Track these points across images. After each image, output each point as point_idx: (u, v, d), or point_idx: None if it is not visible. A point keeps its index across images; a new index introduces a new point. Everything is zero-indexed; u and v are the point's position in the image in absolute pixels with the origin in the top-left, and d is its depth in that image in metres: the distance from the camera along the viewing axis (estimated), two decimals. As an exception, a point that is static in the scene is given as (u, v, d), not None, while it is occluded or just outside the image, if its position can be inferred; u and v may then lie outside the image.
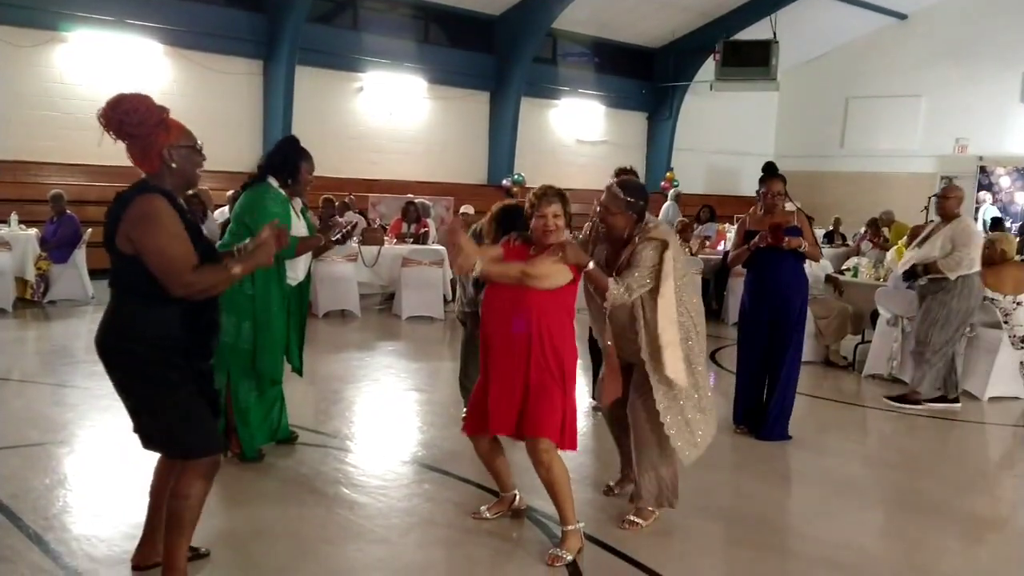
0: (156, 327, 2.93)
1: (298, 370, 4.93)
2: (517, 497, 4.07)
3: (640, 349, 3.82)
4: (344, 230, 4.85)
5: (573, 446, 3.69)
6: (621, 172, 5.75)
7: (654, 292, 3.75)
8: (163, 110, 3.04)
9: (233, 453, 4.66)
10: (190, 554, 3.39)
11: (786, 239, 5.28)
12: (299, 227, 4.63)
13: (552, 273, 3.56)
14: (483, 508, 4.04)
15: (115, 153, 3.26)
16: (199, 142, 3.12)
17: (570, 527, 3.66)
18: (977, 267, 6.46)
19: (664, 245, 3.75)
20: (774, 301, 5.42)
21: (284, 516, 4.02)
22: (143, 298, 2.94)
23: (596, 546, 3.82)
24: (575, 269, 3.63)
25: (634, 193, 3.84)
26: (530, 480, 4.47)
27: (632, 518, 4.04)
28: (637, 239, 3.77)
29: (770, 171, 5.50)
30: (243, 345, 4.50)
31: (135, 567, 3.36)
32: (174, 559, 3.06)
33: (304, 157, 4.63)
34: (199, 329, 3.01)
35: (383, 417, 5.96)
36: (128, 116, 2.95)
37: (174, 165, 3.02)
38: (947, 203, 6.54)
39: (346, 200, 11.90)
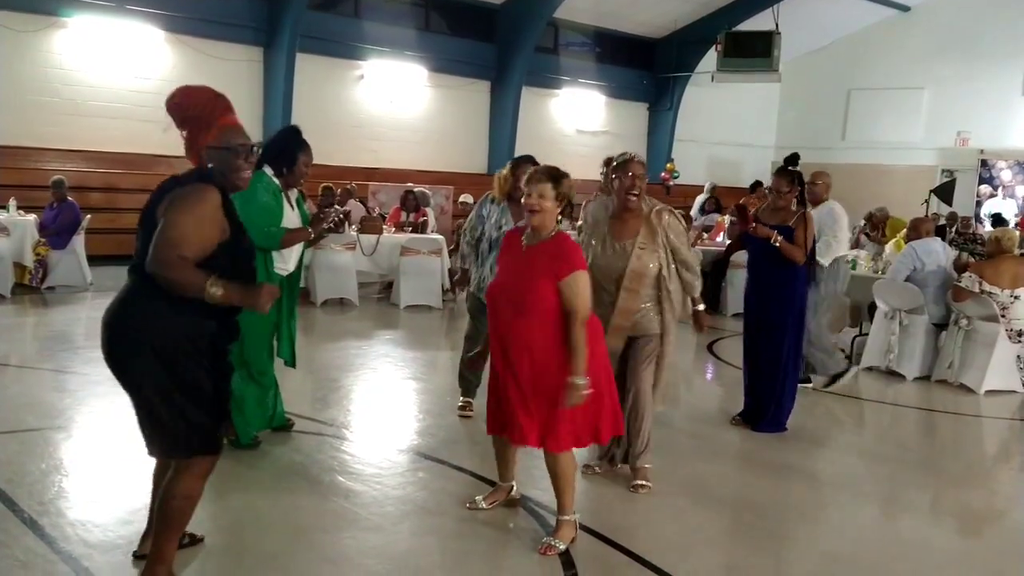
0: (180, 317, 2.84)
1: (290, 363, 4.92)
2: (514, 488, 4.07)
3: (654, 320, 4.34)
4: (335, 218, 4.78)
5: (572, 444, 3.66)
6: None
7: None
8: (217, 105, 2.96)
9: (228, 440, 4.67)
10: (186, 540, 3.41)
11: (753, 226, 5.24)
12: (291, 218, 4.61)
13: (588, 296, 3.50)
14: (479, 498, 4.04)
15: (114, 140, 3.25)
16: (243, 143, 2.98)
17: (566, 517, 3.66)
18: (844, 250, 6.55)
19: None
20: (769, 298, 5.41)
21: (279, 503, 4.03)
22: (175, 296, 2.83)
23: (590, 535, 3.83)
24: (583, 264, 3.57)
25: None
26: (526, 469, 4.48)
27: (640, 482, 4.36)
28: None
29: (784, 166, 5.42)
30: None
31: (142, 557, 3.33)
32: (163, 552, 3.01)
33: (303, 148, 4.58)
34: (224, 317, 2.95)
35: (380, 405, 5.96)
36: (179, 108, 2.96)
37: (211, 166, 2.94)
38: (815, 188, 6.45)
39: (348, 187, 11.89)
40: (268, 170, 4.54)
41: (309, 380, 6.35)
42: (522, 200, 3.64)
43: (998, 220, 13.40)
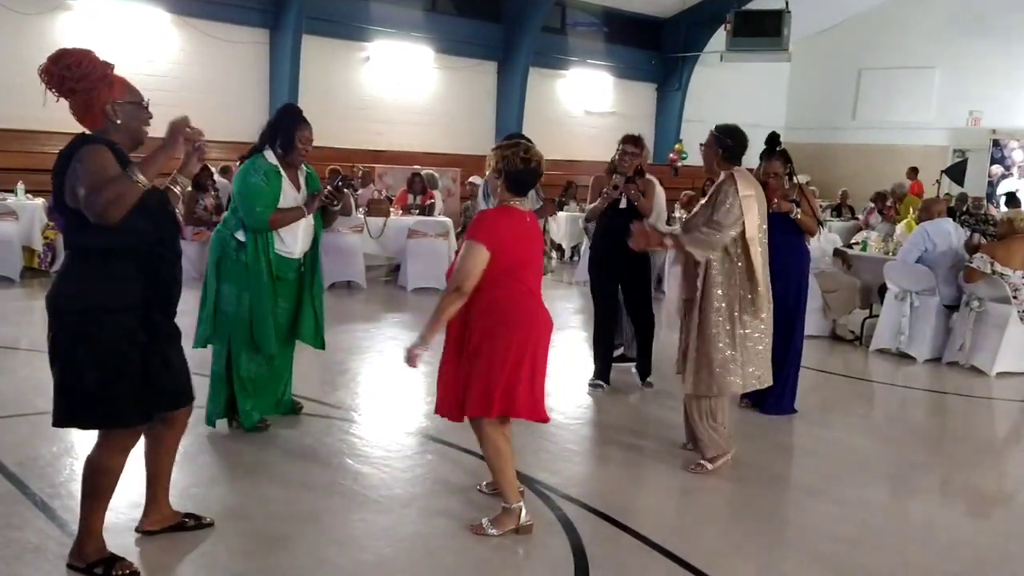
0: (108, 282, 2.88)
1: (318, 345, 4.86)
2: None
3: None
4: (328, 189, 4.65)
5: (476, 412, 3.52)
6: (628, 140, 5.75)
7: None
8: (107, 65, 2.95)
9: (235, 423, 4.69)
10: (192, 522, 3.47)
11: (776, 202, 5.20)
12: (291, 198, 4.55)
13: (468, 266, 3.38)
14: (484, 484, 4.04)
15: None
16: (146, 99, 3.02)
17: (504, 505, 3.61)
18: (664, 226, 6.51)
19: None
20: (776, 276, 5.37)
21: (288, 486, 4.04)
22: (95, 255, 2.88)
23: (599, 518, 3.84)
24: (489, 241, 3.39)
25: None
26: (534, 452, 4.49)
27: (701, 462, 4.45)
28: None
29: (768, 150, 5.38)
30: (244, 315, 4.50)
31: (144, 533, 3.42)
32: (90, 524, 3.08)
33: (299, 125, 4.51)
34: (158, 283, 2.96)
35: (388, 388, 5.97)
36: (70, 71, 2.88)
37: (118, 121, 2.94)
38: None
39: (354, 169, 11.85)
40: (269, 153, 4.51)
41: (317, 363, 6.35)
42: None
43: (1011, 199, 13.30)
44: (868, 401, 6.55)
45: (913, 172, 16.12)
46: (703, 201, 4.55)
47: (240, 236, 4.48)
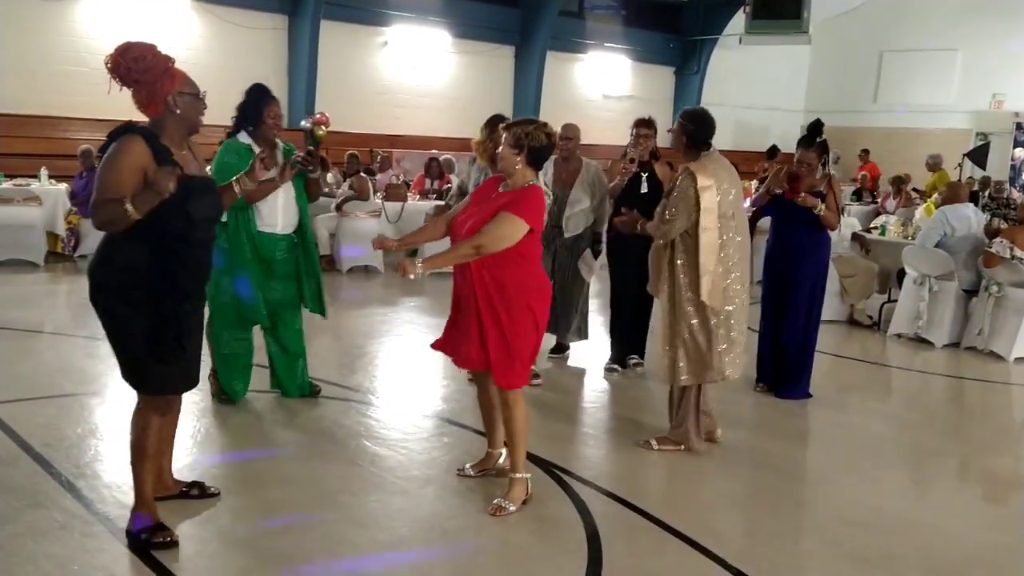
0: (124, 259, 3.08)
1: (318, 310, 4.94)
2: (503, 456, 4.01)
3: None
4: (301, 155, 4.60)
5: (517, 384, 3.64)
6: (641, 123, 5.77)
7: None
8: (169, 59, 3.17)
9: (213, 392, 4.88)
10: (197, 491, 3.65)
11: (802, 196, 5.22)
12: (265, 174, 4.53)
13: (506, 234, 3.49)
14: (468, 466, 4.08)
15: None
16: (203, 91, 3.25)
17: (516, 475, 3.69)
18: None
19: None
20: (788, 262, 5.40)
21: (306, 467, 4.11)
22: (122, 232, 3.06)
23: (611, 499, 3.88)
24: (531, 218, 3.50)
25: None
26: (549, 436, 4.53)
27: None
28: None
29: (807, 139, 5.37)
30: (223, 299, 4.66)
31: (160, 499, 3.50)
32: (140, 480, 3.27)
33: (267, 102, 4.60)
34: (167, 268, 3.07)
35: (405, 371, 6.03)
36: (136, 63, 3.10)
37: (178, 111, 3.17)
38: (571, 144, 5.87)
39: (372, 152, 11.89)
40: (241, 134, 4.62)
41: (335, 346, 6.43)
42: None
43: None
44: (885, 386, 6.54)
45: (865, 153, 16.37)
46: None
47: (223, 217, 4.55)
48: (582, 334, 6.05)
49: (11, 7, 11.76)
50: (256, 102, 4.60)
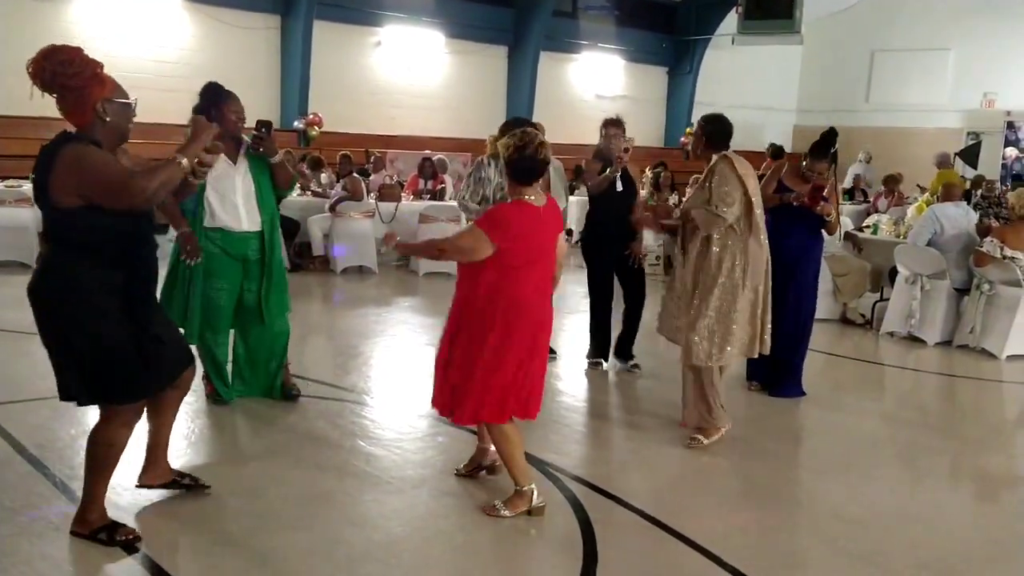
0: (91, 274, 2.95)
1: (278, 315, 4.81)
2: (492, 450, 3.97)
3: None
4: (251, 134, 4.47)
5: (472, 420, 3.63)
6: (610, 123, 5.84)
7: None
8: (98, 64, 2.98)
9: (207, 394, 4.87)
10: (190, 482, 3.64)
11: (821, 205, 5.29)
12: (226, 173, 4.48)
13: (465, 246, 3.43)
14: (461, 466, 4.07)
15: (140, 111, 3.24)
16: (133, 98, 3.07)
17: (516, 488, 3.64)
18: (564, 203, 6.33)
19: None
20: (796, 262, 5.41)
21: (301, 467, 4.11)
22: (77, 248, 2.95)
23: (604, 497, 3.89)
24: (496, 235, 3.36)
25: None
26: (542, 435, 4.54)
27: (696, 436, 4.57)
28: None
29: (822, 151, 5.42)
30: (201, 301, 4.61)
31: (145, 487, 3.57)
32: (94, 494, 3.22)
33: (226, 100, 4.45)
34: (138, 272, 3.03)
35: (399, 371, 6.03)
36: (64, 67, 2.90)
37: (108, 119, 2.97)
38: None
39: (367, 152, 11.87)
40: None
41: (330, 347, 6.43)
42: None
43: (1017, 179, 13.20)
44: (878, 384, 6.57)
45: (779, 154, 16.57)
46: (696, 184, 4.66)
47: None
48: None
49: (2, 7, 11.72)
50: (215, 103, 4.43)
